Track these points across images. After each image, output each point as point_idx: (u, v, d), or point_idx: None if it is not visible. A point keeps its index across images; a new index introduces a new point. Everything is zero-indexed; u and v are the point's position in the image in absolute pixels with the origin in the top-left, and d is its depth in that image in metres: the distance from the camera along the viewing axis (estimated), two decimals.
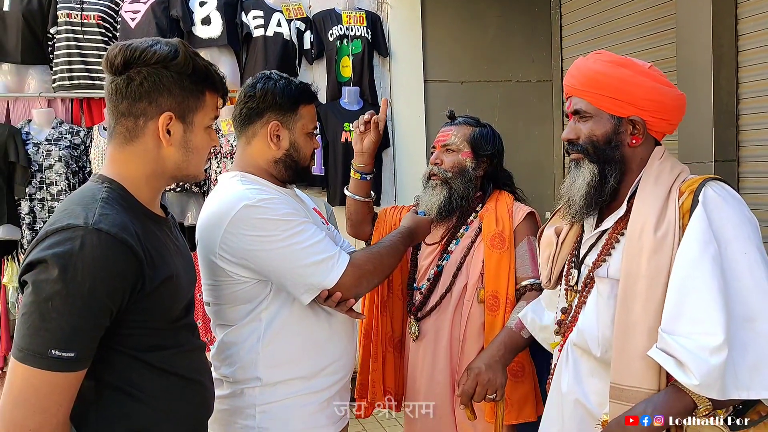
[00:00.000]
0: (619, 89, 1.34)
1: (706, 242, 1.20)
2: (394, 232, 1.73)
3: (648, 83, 1.33)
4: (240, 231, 1.43)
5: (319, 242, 1.47)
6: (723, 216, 1.22)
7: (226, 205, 1.46)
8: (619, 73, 1.34)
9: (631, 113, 1.34)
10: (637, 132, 1.35)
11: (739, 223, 1.22)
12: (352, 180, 2.01)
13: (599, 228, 1.42)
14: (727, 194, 1.27)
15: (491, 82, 4.41)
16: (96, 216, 1.06)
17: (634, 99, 1.33)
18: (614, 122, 1.36)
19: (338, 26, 3.94)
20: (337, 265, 1.46)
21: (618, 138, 1.36)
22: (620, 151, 1.36)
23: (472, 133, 1.97)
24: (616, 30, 3.79)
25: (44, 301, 1.00)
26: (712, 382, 1.13)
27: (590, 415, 1.38)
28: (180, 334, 1.24)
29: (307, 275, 1.45)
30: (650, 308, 1.24)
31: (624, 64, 1.35)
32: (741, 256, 1.19)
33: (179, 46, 1.19)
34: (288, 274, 1.45)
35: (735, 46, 2.96)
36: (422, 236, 1.82)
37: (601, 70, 1.36)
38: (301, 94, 1.60)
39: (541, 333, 1.66)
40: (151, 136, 1.19)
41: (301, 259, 1.44)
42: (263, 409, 1.50)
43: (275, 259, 1.44)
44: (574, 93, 1.41)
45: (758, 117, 2.91)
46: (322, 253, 1.46)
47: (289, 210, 1.49)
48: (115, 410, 1.13)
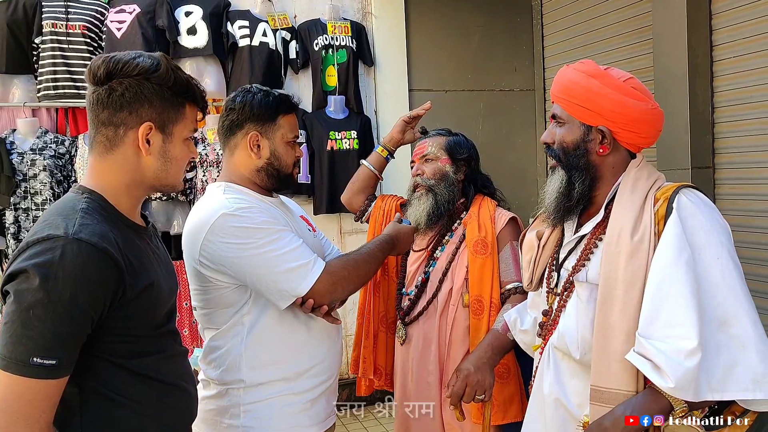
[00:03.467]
0: (587, 99, 1.38)
1: (680, 248, 1.24)
2: (375, 240, 1.78)
3: (614, 96, 1.36)
4: (218, 239, 1.49)
5: (295, 250, 1.52)
6: (696, 223, 1.27)
7: (206, 214, 1.52)
8: (588, 84, 1.38)
9: (600, 123, 1.38)
10: (606, 142, 1.39)
11: (712, 229, 1.27)
12: (376, 155, 2.25)
13: (578, 233, 1.45)
14: (699, 201, 1.31)
15: (475, 91, 4.46)
16: (76, 226, 1.08)
17: (601, 110, 1.37)
18: (584, 130, 1.40)
19: (323, 36, 3.98)
20: (311, 273, 1.51)
21: (586, 146, 1.40)
22: (587, 159, 1.41)
23: (447, 141, 2.06)
24: (597, 40, 3.86)
25: (26, 309, 1.02)
26: (687, 384, 1.16)
27: (571, 416, 1.41)
28: (162, 340, 1.25)
29: (280, 281, 1.50)
30: (628, 312, 1.27)
31: (595, 75, 1.39)
32: (714, 261, 1.23)
33: (161, 59, 1.22)
34: (263, 280, 1.50)
35: (710, 56, 3.03)
36: (404, 245, 1.86)
37: (573, 79, 1.41)
38: (280, 104, 1.66)
39: (521, 335, 1.69)
40: (131, 146, 1.21)
41: (276, 266, 1.49)
42: (247, 408, 1.55)
43: (251, 265, 1.49)
44: (554, 99, 1.47)
45: (733, 125, 2.98)
46: (297, 261, 1.51)
47: (267, 218, 1.54)
48: (99, 416, 1.14)
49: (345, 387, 3.99)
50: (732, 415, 1.26)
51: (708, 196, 1.36)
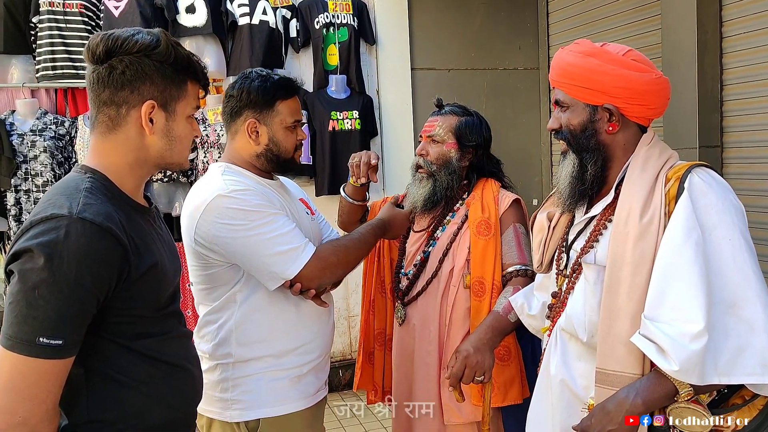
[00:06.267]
0: (588, 79, 1.36)
1: (690, 229, 1.21)
2: (368, 224, 1.79)
3: (615, 71, 1.34)
4: (212, 219, 1.52)
5: (286, 234, 1.55)
6: (708, 203, 1.24)
7: (203, 194, 1.56)
8: (587, 63, 1.36)
9: (604, 101, 1.36)
10: (614, 119, 1.37)
11: (724, 209, 1.23)
12: (350, 185, 2.04)
13: (588, 214, 1.43)
14: (712, 180, 1.28)
15: (478, 70, 4.40)
16: (80, 206, 1.07)
17: (604, 87, 1.35)
18: (589, 111, 1.38)
19: (324, 14, 3.92)
20: (301, 257, 1.55)
21: (594, 126, 1.38)
22: (597, 139, 1.38)
23: (458, 123, 1.98)
24: (603, 16, 3.79)
25: (31, 289, 1.01)
26: (692, 367, 1.15)
27: (577, 398, 1.40)
28: (166, 321, 1.25)
29: (270, 264, 1.53)
30: (634, 294, 1.26)
31: (593, 53, 1.37)
32: (725, 242, 1.21)
33: (161, 35, 1.20)
34: (253, 261, 1.54)
35: (719, 32, 2.97)
36: (397, 230, 1.87)
37: (571, 62, 1.38)
38: (278, 90, 1.67)
39: (528, 320, 1.68)
40: (134, 125, 1.19)
41: (266, 248, 1.52)
42: (236, 383, 1.60)
43: (242, 246, 1.53)
44: (554, 84, 1.44)
45: (742, 103, 2.94)
46: (288, 244, 1.54)
47: (261, 201, 1.57)
48: (105, 397, 1.14)
49: (349, 368, 4.01)
50: (741, 399, 1.24)
51: None
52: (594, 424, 1.25)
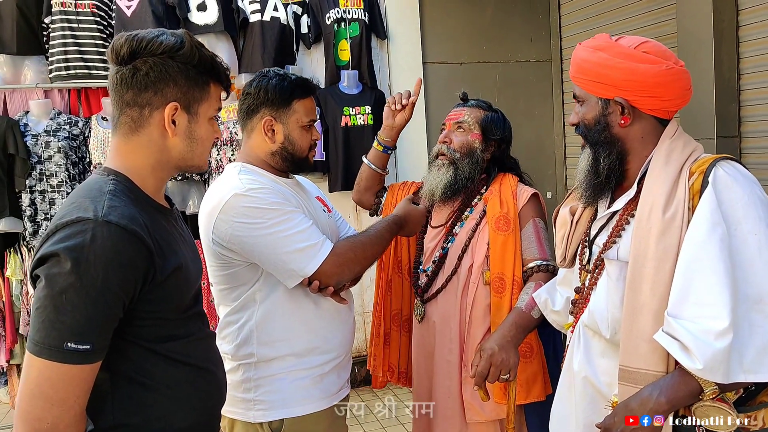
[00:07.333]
0: (598, 73, 1.36)
1: (714, 224, 1.19)
2: (383, 220, 1.79)
3: (624, 65, 1.33)
4: (229, 218, 1.53)
5: (304, 231, 1.55)
6: (733, 197, 1.21)
7: (220, 193, 1.56)
8: (596, 58, 1.36)
9: (615, 94, 1.35)
10: (626, 112, 1.36)
11: (750, 203, 1.21)
12: (374, 150, 2.13)
13: (610, 209, 1.42)
14: (738, 174, 1.25)
15: (490, 63, 4.37)
16: (105, 208, 1.07)
17: (613, 81, 1.34)
18: (601, 104, 1.38)
19: (335, 9, 3.90)
20: (319, 254, 1.55)
21: (606, 119, 1.38)
22: (609, 132, 1.38)
23: (484, 116, 1.99)
24: (616, 7, 3.75)
25: (58, 294, 1.01)
26: (716, 365, 1.13)
27: (600, 395, 1.39)
28: (190, 323, 1.25)
29: (288, 262, 1.53)
30: (657, 291, 1.24)
31: (603, 47, 1.37)
32: (751, 236, 1.18)
33: (185, 36, 1.20)
34: (271, 260, 1.54)
35: (736, 21, 2.93)
36: (414, 226, 1.86)
37: (584, 57, 1.39)
38: (295, 89, 1.68)
39: (553, 315, 1.67)
40: (157, 127, 1.19)
41: (284, 246, 1.52)
42: (259, 383, 1.61)
43: (260, 245, 1.53)
44: (572, 79, 1.45)
45: (759, 92, 2.89)
46: (305, 242, 1.54)
47: (277, 200, 1.57)
48: (131, 401, 1.14)
49: (364, 364, 4.01)
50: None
51: None
52: (617, 422, 1.24)
